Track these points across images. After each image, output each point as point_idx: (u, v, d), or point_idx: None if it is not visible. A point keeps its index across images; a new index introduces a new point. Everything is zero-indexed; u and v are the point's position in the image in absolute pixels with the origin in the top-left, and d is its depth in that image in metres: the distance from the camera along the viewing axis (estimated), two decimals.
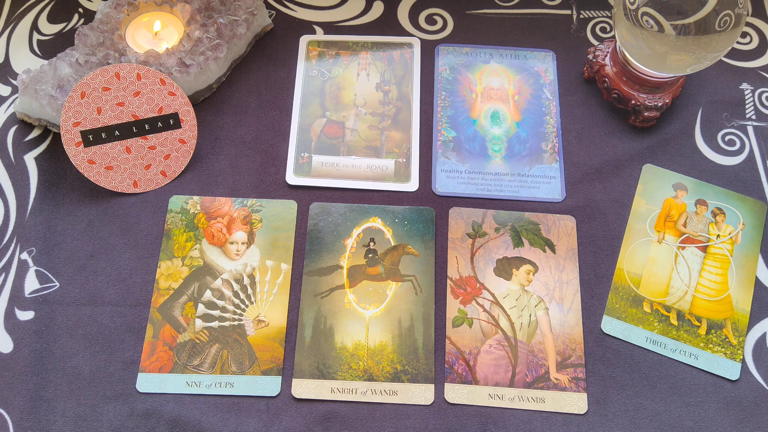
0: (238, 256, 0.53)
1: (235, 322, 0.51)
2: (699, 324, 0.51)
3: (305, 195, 0.56)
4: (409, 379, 0.49)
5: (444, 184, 0.56)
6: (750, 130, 0.59)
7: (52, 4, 0.64)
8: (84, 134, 0.54)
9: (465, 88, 0.61)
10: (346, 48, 0.63)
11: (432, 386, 0.49)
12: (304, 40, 0.63)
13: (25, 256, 0.52)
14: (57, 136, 0.57)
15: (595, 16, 0.65)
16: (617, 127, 0.59)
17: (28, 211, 0.54)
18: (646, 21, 0.51)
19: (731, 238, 0.54)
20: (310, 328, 0.51)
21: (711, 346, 0.50)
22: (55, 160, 0.56)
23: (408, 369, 0.49)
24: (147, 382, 0.48)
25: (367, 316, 0.51)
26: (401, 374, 0.49)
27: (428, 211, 0.55)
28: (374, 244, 0.54)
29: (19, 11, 0.64)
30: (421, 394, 0.48)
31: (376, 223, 0.54)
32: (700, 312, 0.51)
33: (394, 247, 0.54)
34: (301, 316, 0.51)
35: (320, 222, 0.54)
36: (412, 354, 0.50)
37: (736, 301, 0.52)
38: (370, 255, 0.53)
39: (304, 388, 0.49)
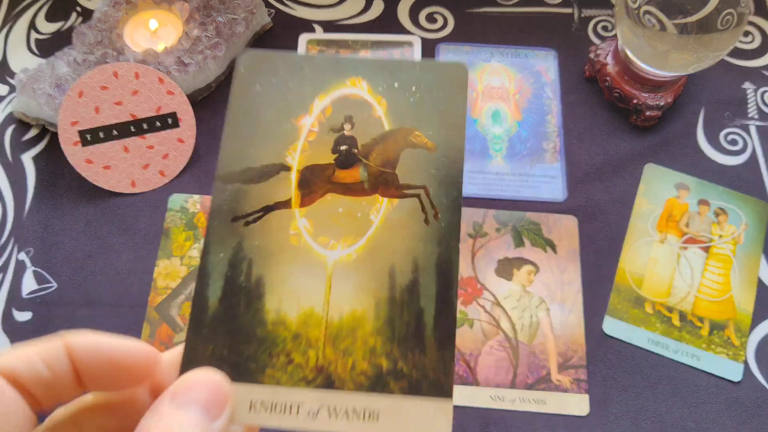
0: None
1: None
2: (701, 325, 0.51)
3: None
4: (404, 388, 0.26)
5: None
6: (752, 129, 0.59)
7: (50, 2, 0.64)
8: (82, 133, 0.53)
9: None
10: (345, 47, 0.62)
11: (449, 405, 0.26)
12: (304, 38, 0.63)
13: (22, 256, 0.52)
14: (55, 136, 0.57)
15: (597, 14, 0.65)
16: (619, 127, 0.59)
17: (26, 211, 0.54)
18: (648, 20, 0.50)
19: (733, 238, 0.54)
20: (220, 281, 0.28)
21: (713, 347, 0.50)
22: (52, 159, 0.56)
23: (403, 368, 0.26)
24: None
25: (330, 261, 0.28)
26: (390, 377, 0.26)
27: (456, 68, 0.31)
28: (352, 127, 0.31)
29: (16, 10, 0.63)
30: (427, 421, 0.27)
31: (359, 88, 0.31)
32: (702, 313, 0.51)
33: (390, 132, 0.30)
34: (207, 259, 0.28)
35: (258, 84, 0.31)
36: (412, 338, 0.27)
37: (739, 301, 0.52)
38: (343, 147, 0.30)
39: None
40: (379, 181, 0.30)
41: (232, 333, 0.27)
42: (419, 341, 0.27)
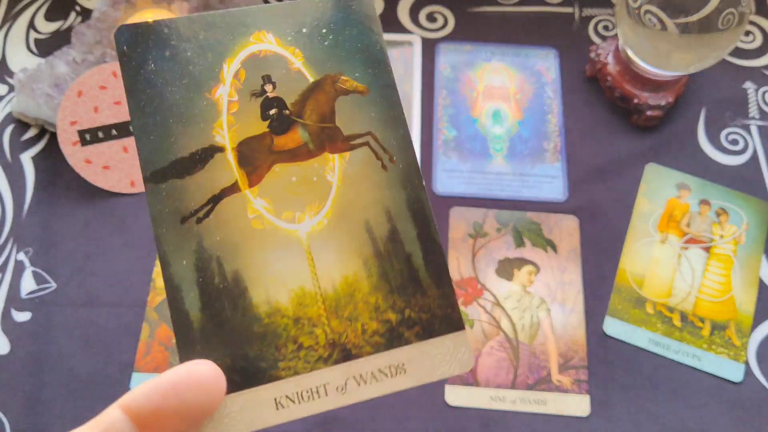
0: None
1: None
2: (702, 325, 0.51)
3: None
4: (419, 334, 0.26)
5: (445, 183, 0.56)
6: (753, 129, 0.59)
7: (49, 2, 0.64)
8: (81, 133, 0.53)
9: (466, 86, 0.60)
10: None
11: (464, 335, 0.26)
12: None
13: (21, 256, 0.52)
14: (54, 136, 0.57)
15: (598, 14, 0.65)
16: (620, 126, 0.58)
17: (25, 212, 0.54)
18: (649, 19, 0.50)
19: (734, 238, 0.54)
20: (193, 290, 0.26)
21: (714, 347, 0.50)
22: (51, 159, 0.56)
23: (411, 315, 0.26)
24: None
25: (303, 235, 0.27)
26: (402, 327, 0.26)
27: (359, 2, 0.29)
28: (274, 87, 0.28)
29: (16, 9, 0.63)
30: (450, 355, 0.26)
31: (266, 43, 0.28)
32: (703, 313, 0.51)
33: (316, 83, 0.28)
34: (171, 271, 0.26)
35: (150, 62, 0.27)
36: (410, 282, 0.27)
37: (740, 302, 0.51)
38: (272, 111, 0.28)
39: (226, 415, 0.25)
40: (322, 138, 0.28)
41: (227, 339, 0.25)
42: (417, 285, 0.27)
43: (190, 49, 0.27)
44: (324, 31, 0.29)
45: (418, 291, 0.26)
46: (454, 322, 0.26)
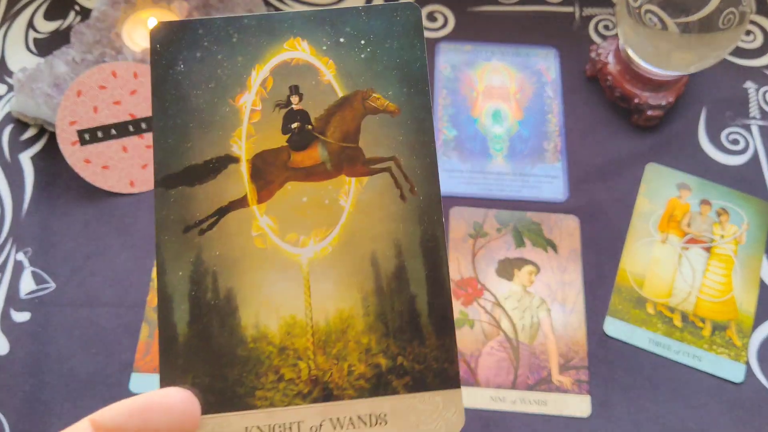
0: None
1: None
2: (703, 325, 0.51)
3: None
4: (409, 385, 0.24)
5: (445, 183, 0.56)
6: (754, 129, 0.59)
7: (49, 1, 0.63)
8: (80, 133, 0.53)
9: (466, 86, 0.60)
10: None
11: (457, 394, 0.24)
12: None
13: (20, 256, 0.52)
14: (53, 135, 0.56)
15: (598, 13, 0.65)
16: (620, 126, 0.58)
17: (24, 211, 0.54)
18: (650, 19, 0.50)
19: (735, 238, 0.54)
20: (184, 303, 0.25)
21: (715, 347, 0.50)
22: (51, 159, 0.56)
23: (403, 363, 0.25)
24: (140, 383, 0.48)
25: (304, 260, 0.26)
26: (391, 375, 0.24)
27: (407, 9, 0.27)
28: (300, 98, 0.27)
29: (15, 9, 0.63)
30: (437, 413, 0.25)
31: (299, 51, 0.27)
32: (704, 313, 0.51)
33: (345, 99, 0.26)
34: (165, 280, 0.25)
35: (180, 62, 0.26)
36: (408, 329, 0.25)
37: (740, 302, 0.51)
38: (294, 125, 0.26)
39: None
40: (342, 159, 0.26)
41: (210, 358, 0.24)
42: (416, 331, 0.25)
43: (220, 51, 0.26)
44: (362, 42, 0.26)
45: (416, 338, 0.25)
46: (449, 379, 0.24)
